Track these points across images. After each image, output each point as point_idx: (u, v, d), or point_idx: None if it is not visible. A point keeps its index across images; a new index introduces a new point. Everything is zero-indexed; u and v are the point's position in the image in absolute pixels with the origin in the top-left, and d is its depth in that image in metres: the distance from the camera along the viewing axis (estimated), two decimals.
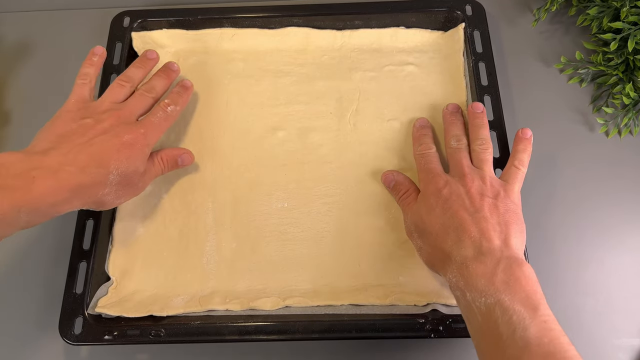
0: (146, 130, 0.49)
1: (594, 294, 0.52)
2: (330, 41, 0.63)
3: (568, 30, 0.65)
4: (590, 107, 0.61)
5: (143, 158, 0.48)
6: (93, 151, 0.45)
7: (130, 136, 0.47)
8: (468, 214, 0.45)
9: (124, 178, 0.47)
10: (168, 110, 0.52)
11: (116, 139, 0.46)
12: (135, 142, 0.47)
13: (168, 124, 0.52)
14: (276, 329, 0.47)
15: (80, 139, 0.46)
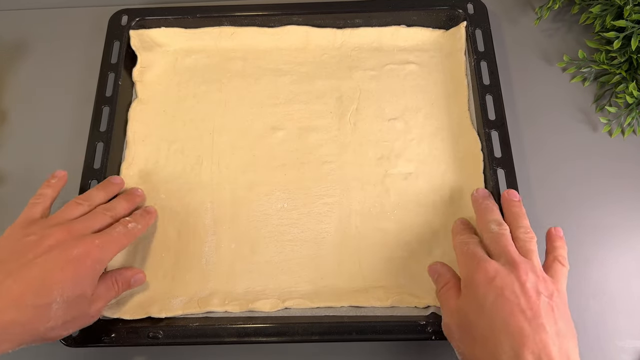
0: (102, 242, 0.43)
1: (597, 295, 0.52)
2: (331, 40, 0.63)
3: (571, 28, 0.65)
4: (593, 106, 0.61)
5: (93, 277, 0.43)
6: (32, 276, 0.39)
7: (80, 250, 0.42)
8: (525, 319, 0.38)
9: (71, 305, 0.41)
10: (129, 226, 0.47)
11: (62, 255, 0.41)
12: (85, 256, 0.42)
13: (127, 241, 0.46)
14: (275, 331, 0.47)
15: (17, 262, 0.40)
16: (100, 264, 0.43)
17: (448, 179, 0.55)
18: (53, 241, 0.42)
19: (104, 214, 0.47)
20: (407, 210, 0.54)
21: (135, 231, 0.48)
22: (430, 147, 0.57)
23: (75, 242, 0.42)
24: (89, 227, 0.45)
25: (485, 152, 0.54)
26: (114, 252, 0.45)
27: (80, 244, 0.42)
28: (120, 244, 0.46)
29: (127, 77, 0.60)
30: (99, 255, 0.43)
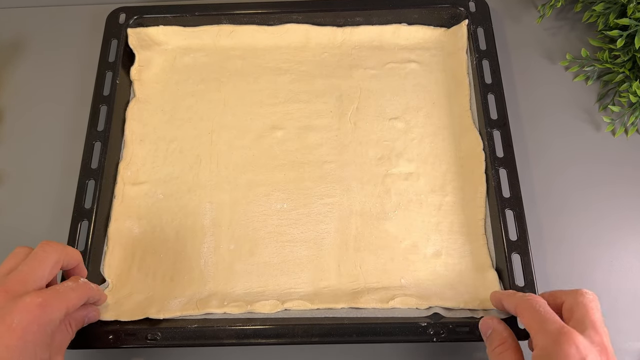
0: (44, 300, 0.37)
1: (600, 296, 0.51)
2: (331, 38, 0.63)
3: (574, 26, 0.65)
4: (596, 105, 0.61)
5: (44, 341, 0.37)
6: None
7: (21, 316, 0.36)
8: None
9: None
10: (80, 280, 0.42)
11: (2, 327, 0.35)
12: (28, 322, 0.36)
13: (77, 299, 0.40)
14: (275, 333, 0.47)
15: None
16: (49, 325, 0.37)
17: (449, 179, 0.55)
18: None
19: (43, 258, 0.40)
20: (408, 210, 0.54)
21: (87, 287, 0.42)
22: (432, 146, 0.57)
23: (13, 307, 0.36)
24: (27, 280, 0.38)
25: (487, 151, 0.54)
26: (63, 311, 0.38)
27: (19, 309, 0.36)
28: (69, 302, 0.39)
29: (124, 76, 0.60)
30: (43, 317, 0.37)
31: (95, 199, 0.52)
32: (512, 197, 0.51)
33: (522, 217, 0.50)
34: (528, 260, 0.49)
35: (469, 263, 0.51)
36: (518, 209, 0.51)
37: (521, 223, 0.50)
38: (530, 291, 0.48)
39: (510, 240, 0.50)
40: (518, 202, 0.51)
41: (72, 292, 0.40)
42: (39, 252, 0.40)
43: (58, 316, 0.38)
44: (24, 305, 0.36)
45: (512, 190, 0.52)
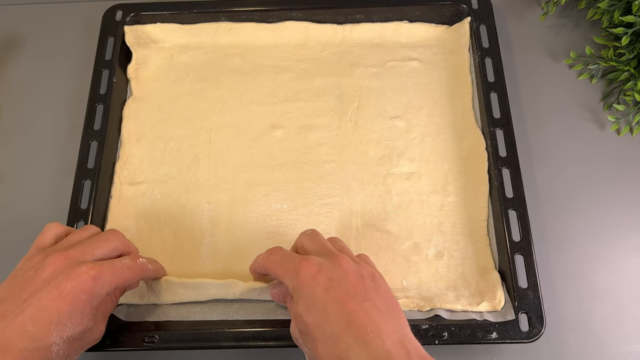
0: (98, 273, 0.40)
1: (604, 298, 0.52)
2: (331, 36, 0.63)
3: (578, 24, 0.65)
4: (600, 104, 0.61)
5: (90, 311, 0.40)
6: (26, 319, 0.37)
7: (74, 283, 0.39)
8: (356, 303, 0.38)
9: (72, 342, 0.39)
10: (139, 260, 0.44)
11: (56, 290, 0.38)
12: (80, 290, 0.39)
13: (131, 277, 0.43)
14: (274, 335, 0.47)
15: (13, 303, 0.38)
16: (97, 297, 0.40)
17: (451, 178, 0.55)
18: (48, 273, 0.39)
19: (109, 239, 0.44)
20: (409, 210, 0.54)
21: (144, 267, 0.44)
22: (433, 146, 0.57)
23: (70, 273, 0.39)
24: (89, 252, 0.42)
25: (490, 151, 0.54)
26: (112, 285, 0.41)
27: (73, 276, 0.39)
28: (122, 278, 0.42)
29: (121, 74, 0.60)
30: (94, 289, 0.40)
31: (92, 200, 0.53)
32: (515, 198, 0.51)
33: (525, 218, 0.50)
34: (531, 262, 0.49)
35: (472, 264, 0.51)
36: (521, 210, 0.51)
37: (524, 224, 0.50)
38: (534, 294, 0.48)
39: (513, 241, 0.50)
40: (521, 202, 0.51)
41: (127, 270, 0.43)
42: (105, 234, 0.44)
43: (107, 290, 0.41)
44: (79, 274, 0.39)
45: (515, 190, 0.52)
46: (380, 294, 0.40)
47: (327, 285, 0.39)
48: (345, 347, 0.37)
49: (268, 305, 0.49)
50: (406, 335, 0.38)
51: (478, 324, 0.47)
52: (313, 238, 0.45)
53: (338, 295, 0.39)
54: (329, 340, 0.38)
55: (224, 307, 0.49)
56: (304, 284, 0.40)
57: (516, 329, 0.46)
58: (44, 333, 0.37)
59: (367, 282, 0.41)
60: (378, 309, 0.39)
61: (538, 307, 0.47)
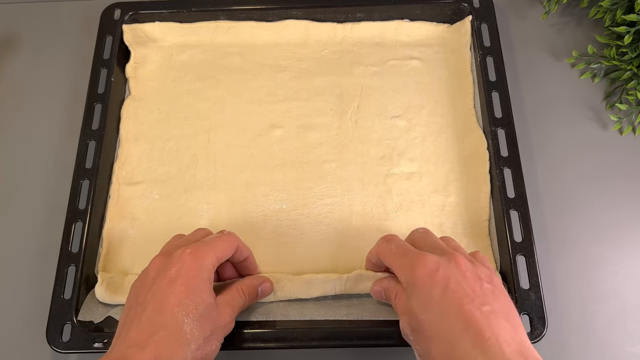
0: (193, 250, 0.42)
1: (608, 299, 0.52)
2: (331, 34, 0.63)
3: (580, 22, 0.65)
4: (603, 103, 0.61)
5: (204, 285, 0.42)
6: (149, 315, 0.39)
7: (176, 267, 0.41)
8: (475, 307, 0.38)
9: (201, 319, 0.40)
10: (224, 231, 0.47)
11: (164, 280, 0.41)
12: (184, 269, 0.41)
13: (224, 246, 0.45)
14: (273, 336, 0.47)
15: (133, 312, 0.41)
16: (204, 270, 0.42)
17: (452, 178, 0.55)
18: (153, 272, 0.42)
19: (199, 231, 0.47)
20: (409, 211, 0.54)
21: (232, 236, 0.46)
22: (434, 145, 0.57)
23: (169, 262, 0.42)
24: (182, 245, 0.44)
25: (492, 150, 0.54)
26: (212, 257, 0.43)
27: (174, 261, 0.42)
28: (216, 249, 0.44)
29: (119, 74, 0.60)
30: (195, 263, 0.42)
31: (90, 200, 0.52)
32: (517, 198, 0.51)
33: (527, 218, 0.50)
34: (533, 262, 0.49)
35: None
36: (523, 210, 0.51)
37: (526, 224, 0.50)
38: (536, 295, 0.48)
39: (515, 241, 0.50)
40: (523, 202, 0.51)
41: (219, 240, 0.45)
42: (224, 233, 0.46)
43: (210, 261, 0.43)
44: (177, 256, 0.42)
45: (517, 190, 0.52)
46: (497, 298, 0.39)
47: (444, 286, 0.39)
48: (463, 351, 0.37)
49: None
50: (524, 343, 0.38)
51: None
52: (426, 236, 0.45)
53: (456, 296, 0.39)
54: (444, 342, 0.38)
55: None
56: (421, 281, 0.40)
57: None
58: (169, 317, 0.39)
59: (484, 284, 0.40)
60: (496, 314, 0.38)
61: (540, 309, 0.47)
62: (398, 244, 0.44)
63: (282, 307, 0.49)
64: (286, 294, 0.49)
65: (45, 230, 0.56)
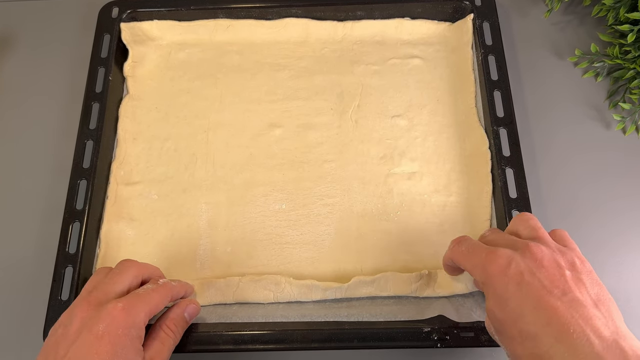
0: (126, 305, 0.40)
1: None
2: (331, 33, 0.62)
3: (583, 21, 0.65)
4: (606, 102, 0.61)
5: (133, 345, 0.39)
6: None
7: (105, 323, 0.38)
8: (556, 298, 0.35)
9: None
10: (160, 281, 0.44)
11: (89, 336, 0.38)
12: (114, 327, 0.38)
13: (160, 298, 0.43)
14: (273, 338, 0.47)
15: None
16: (134, 328, 0.40)
17: (454, 178, 0.55)
18: (78, 324, 0.39)
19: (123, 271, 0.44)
20: (410, 211, 0.54)
21: (168, 286, 0.44)
22: (435, 145, 0.57)
23: (98, 315, 0.39)
24: (109, 291, 0.42)
25: (493, 150, 0.54)
26: (145, 313, 0.41)
27: (103, 316, 0.39)
28: (151, 303, 0.42)
29: (117, 72, 0.60)
30: (127, 320, 0.39)
31: (87, 200, 0.52)
32: (519, 198, 0.51)
33: None
34: None
35: None
36: (525, 210, 0.51)
37: None
38: None
39: None
40: (525, 203, 0.51)
41: (154, 292, 0.42)
42: (119, 267, 0.44)
43: (142, 318, 0.40)
44: (108, 311, 0.39)
45: (519, 190, 0.52)
46: (583, 285, 0.36)
47: (519, 280, 0.37)
48: (547, 347, 0.34)
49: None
50: (620, 331, 0.34)
51: (482, 327, 0.46)
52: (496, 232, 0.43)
53: (533, 289, 0.36)
54: (527, 339, 0.35)
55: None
56: (493, 278, 0.38)
57: None
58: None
59: (565, 272, 0.37)
60: (582, 302, 0.35)
61: None
62: (468, 245, 0.42)
63: (281, 309, 0.49)
64: (285, 296, 0.49)
65: (42, 231, 0.56)
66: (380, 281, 0.49)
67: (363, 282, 0.49)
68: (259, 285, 0.50)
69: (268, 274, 0.50)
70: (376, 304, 0.49)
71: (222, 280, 0.50)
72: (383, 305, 0.49)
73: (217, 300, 0.50)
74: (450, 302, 0.49)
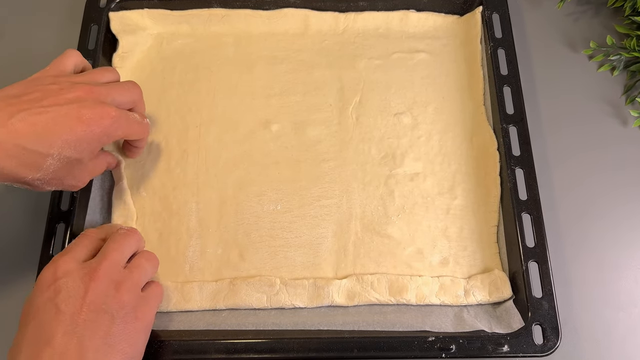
0: (117, 116, 0.44)
1: (627, 307, 0.52)
2: (332, 24, 0.62)
3: (598, 12, 0.65)
4: (622, 97, 0.61)
5: (95, 147, 0.45)
6: (41, 122, 0.41)
7: (94, 114, 0.43)
8: None
9: (64, 166, 0.43)
10: (145, 121, 0.50)
11: (75, 112, 0.42)
12: (97, 123, 0.43)
13: (138, 131, 0.48)
14: (268, 347, 0.47)
15: (32, 104, 0.42)
16: (106, 137, 0.44)
17: (459, 180, 0.55)
18: (72, 96, 0.43)
19: (131, 90, 0.48)
20: (412, 214, 0.54)
21: (147, 128, 0.50)
22: (440, 144, 0.57)
23: (93, 105, 0.43)
24: (112, 97, 0.46)
25: (503, 150, 0.54)
26: (123, 132, 0.46)
27: (97, 109, 0.43)
28: (131, 129, 0.47)
29: (106, 65, 0.59)
30: (109, 128, 0.44)
31: (73, 199, 0.52)
32: (530, 200, 0.51)
33: (540, 222, 0.50)
34: (546, 269, 0.49)
35: (479, 272, 0.51)
36: (536, 213, 0.51)
37: (539, 228, 0.50)
38: (549, 304, 0.47)
39: (527, 246, 0.49)
40: (536, 205, 0.51)
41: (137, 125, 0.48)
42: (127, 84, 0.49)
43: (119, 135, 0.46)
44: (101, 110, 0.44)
45: (530, 192, 0.52)
46: None
47: None
48: None
49: None
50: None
51: (488, 336, 0.47)
52: None
53: None
54: None
55: None
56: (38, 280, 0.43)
57: (529, 341, 0.46)
58: (49, 141, 0.41)
59: None
60: None
61: (553, 319, 0.47)
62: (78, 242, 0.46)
63: (273, 316, 0.49)
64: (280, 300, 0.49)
65: (26, 232, 0.55)
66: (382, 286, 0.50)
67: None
68: (251, 287, 0.50)
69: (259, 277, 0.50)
70: (374, 311, 0.49)
71: (213, 284, 0.50)
72: (381, 314, 0.49)
73: (207, 306, 0.50)
74: (454, 311, 0.49)
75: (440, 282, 0.50)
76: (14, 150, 0.40)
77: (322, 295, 0.49)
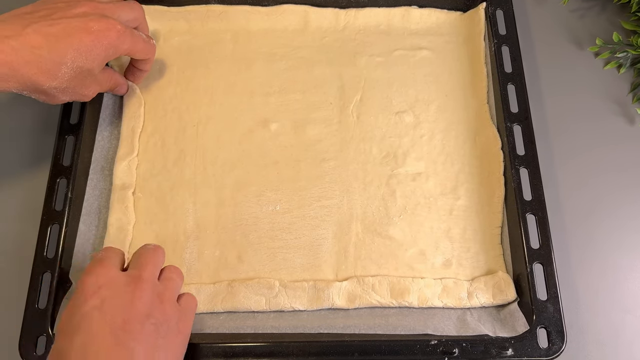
0: (123, 30, 0.49)
1: (634, 309, 0.52)
2: (332, 21, 0.62)
3: (604, 7, 0.65)
4: (629, 96, 0.60)
5: (103, 58, 0.49)
6: (53, 32, 0.45)
7: (101, 26, 0.47)
8: None
9: (77, 75, 0.47)
10: (151, 41, 0.54)
11: (84, 24, 0.47)
12: (103, 35, 0.47)
13: (143, 48, 0.52)
14: (268, 351, 0.47)
15: (44, 17, 0.46)
16: (113, 49, 0.49)
17: (462, 180, 0.55)
18: (80, 11, 0.48)
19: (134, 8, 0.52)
20: (414, 215, 0.53)
21: (152, 48, 0.54)
22: (443, 144, 0.57)
23: (99, 19, 0.48)
24: (116, 13, 0.50)
25: (507, 149, 0.54)
26: (129, 48, 0.50)
27: (103, 22, 0.47)
28: (137, 45, 0.51)
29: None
30: (115, 40, 0.48)
31: (67, 200, 0.52)
32: (534, 200, 0.51)
33: (545, 223, 0.50)
34: (552, 271, 0.49)
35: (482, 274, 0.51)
36: (541, 213, 0.51)
37: (544, 229, 0.50)
38: (554, 307, 0.47)
39: (531, 248, 0.49)
40: (541, 205, 0.51)
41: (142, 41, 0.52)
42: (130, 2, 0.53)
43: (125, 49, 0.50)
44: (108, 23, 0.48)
45: (534, 192, 0.52)
46: None
47: None
48: None
49: None
50: None
51: (492, 339, 0.47)
52: None
53: None
54: None
55: None
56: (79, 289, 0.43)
57: (534, 345, 0.46)
58: (62, 50, 0.45)
59: None
60: None
61: (558, 322, 0.47)
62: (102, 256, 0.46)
63: (272, 319, 0.49)
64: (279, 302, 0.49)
65: (19, 233, 0.55)
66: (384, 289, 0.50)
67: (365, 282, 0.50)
68: (250, 289, 0.50)
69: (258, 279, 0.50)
70: (375, 314, 0.49)
71: (210, 286, 0.50)
72: (383, 317, 0.49)
73: (204, 309, 0.50)
74: (457, 314, 0.49)
75: (442, 284, 0.50)
76: (31, 57, 0.44)
77: (322, 297, 0.49)
